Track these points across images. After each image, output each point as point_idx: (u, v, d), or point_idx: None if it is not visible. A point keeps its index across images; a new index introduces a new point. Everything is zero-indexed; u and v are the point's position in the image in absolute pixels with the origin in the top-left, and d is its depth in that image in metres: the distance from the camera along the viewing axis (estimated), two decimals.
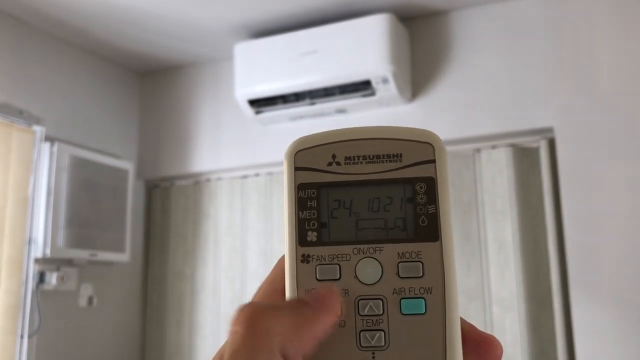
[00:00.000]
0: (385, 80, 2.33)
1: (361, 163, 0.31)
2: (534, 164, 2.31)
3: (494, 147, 2.37)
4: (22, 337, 2.35)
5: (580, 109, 2.21)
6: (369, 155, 0.31)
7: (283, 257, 0.31)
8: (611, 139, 2.15)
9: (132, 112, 3.04)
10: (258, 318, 0.26)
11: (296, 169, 0.32)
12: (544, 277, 2.23)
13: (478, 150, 2.40)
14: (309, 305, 0.28)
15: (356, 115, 2.57)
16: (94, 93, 2.83)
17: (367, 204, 0.31)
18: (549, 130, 2.28)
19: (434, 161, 0.30)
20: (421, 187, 0.30)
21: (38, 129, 2.49)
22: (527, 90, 2.31)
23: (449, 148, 2.43)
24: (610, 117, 2.17)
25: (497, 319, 2.25)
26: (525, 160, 2.33)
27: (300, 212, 0.31)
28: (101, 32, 2.64)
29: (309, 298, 0.29)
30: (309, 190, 0.31)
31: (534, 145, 2.33)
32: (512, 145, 2.34)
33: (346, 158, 0.31)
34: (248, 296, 2.70)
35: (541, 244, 2.25)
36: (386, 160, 0.31)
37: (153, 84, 3.09)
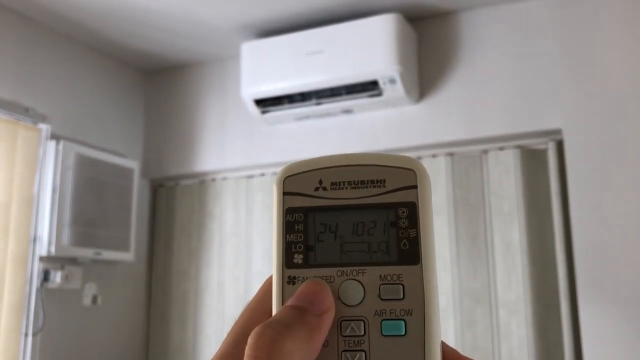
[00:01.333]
0: (392, 81, 2.31)
1: (346, 188, 0.32)
2: (542, 166, 2.30)
3: (501, 148, 2.36)
4: (26, 335, 2.35)
5: (589, 110, 2.19)
6: (354, 181, 0.32)
7: (270, 277, 0.33)
8: (620, 141, 2.13)
9: (138, 110, 3.04)
10: (277, 342, 0.27)
11: (285, 193, 0.33)
12: (551, 280, 2.21)
13: (485, 152, 2.38)
14: (309, 312, 0.29)
15: (362, 116, 2.55)
16: (100, 91, 2.82)
17: (351, 228, 0.32)
18: (557, 132, 2.26)
19: (415, 187, 0.32)
20: (403, 212, 0.31)
21: (44, 127, 2.49)
22: (535, 92, 2.29)
23: (456, 149, 2.42)
24: (619, 119, 2.15)
25: (503, 322, 2.23)
26: (533, 162, 2.31)
27: (287, 235, 0.32)
28: (107, 30, 2.64)
29: (305, 302, 0.30)
30: (297, 214, 0.32)
31: (542, 147, 2.31)
32: (520, 147, 2.33)
33: (332, 184, 0.32)
34: (252, 296, 2.69)
35: (548, 246, 2.23)
36: (370, 186, 0.32)
37: (159, 83, 3.08)
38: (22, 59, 2.46)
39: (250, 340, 0.28)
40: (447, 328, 2.30)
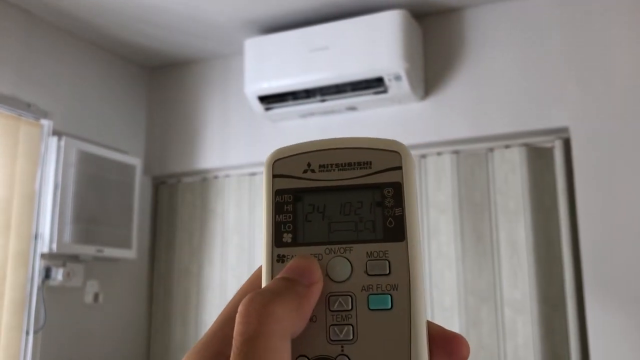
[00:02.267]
0: (398, 78, 2.30)
1: (334, 170, 0.33)
2: (548, 164, 2.28)
3: (507, 146, 2.34)
4: (27, 333, 2.33)
5: (596, 108, 2.18)
6: (342, 163, 0.33)
7: (261, 266, 0.34)
8: (627, 139, 2.12)
9: (140, 107, 3.02)
10: (267, 307, 0.28)
11: (274, 176, 0.34)
12: (557, 279, 2.19)
13: (491, 150, 2.36)
14: (299, 283, 0.30)
15: (367, 113, 2.53)
16: (102, 87, 2.80)
17: (339, 208, 0.33)
18: (564, 130, 2.24)
19: (400, 168, 0.33)
20: (389, 192, 0.33)
21: (45, 123, 2.47)
22: (541, 89, 2.27)
23: (461, 147, 2.40)
24: (626, 117, 2.13)
25: (508, 321, 2.22)
26: (539, 161, 2.30)
27: (277, 216, 0.33)
28: (110, 26, 2.62)
29: (296, 274, 0.30)
30: (286, 196, 0.33)
31: (549, 145, 2.30)
32: (526, 145, 2.31)
33: (320, 166, 0.33)
34: None
35: (555, 245, 2.22)
36: (357, 168, 0.33)
37: (161, 79, 3.06)
38: (25, 54, 2.43)
39: (240, 307, 0.28)
40: (452, 327, 2.29)
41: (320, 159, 0.34)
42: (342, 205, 0.33)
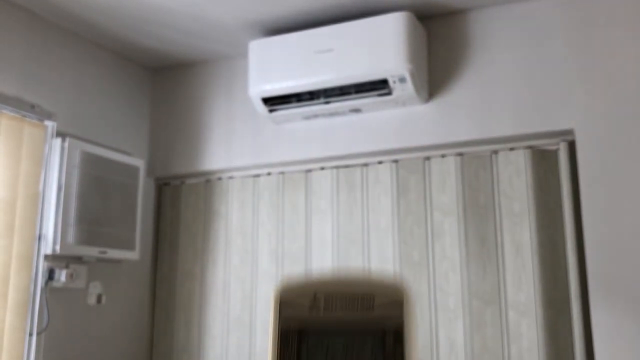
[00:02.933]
0: (402, 80, 2.29)
1: (338, 308, 0.33)
2: (553, 167, 2.27)
3: (511, 149, 2.34)
4: (30, 334, 2.33)
5: (601, 111, 2.17)
6: (346, 305, 0.33)
7: None
8: (633, 142, 2.11)
9: (144, 108, 3.02)
10: None
11: (281, 311, 0.34)
12: (562, 282, 2.19)
13: (495, 152, 2.36)
14: None
15: (371, 115, 2.53)
16: (106, 88, 2.80)
17: (342, 349, 0.32)
18: (569, 132, 2.24)
19: (402, 311, 0.33)
20: (389, 337, 0.32)
21: (49, 124, 2.47)
22: (546, 92, 2.27)
23: (466, 149, 2.40)
24: (631, 119, 2.12)
25: (513, 324, 2.21)
26: (543, 163, 2.29)
27: (282, 351, 0.33)
28: (114, 27, 2.62)
29: None
30: (291, 334, 0.34)
31: (553, 147, 2.29)
32: (531, 148, 2.30)
33: (325, 305, 0.34)
34: (258, 296, 2.67)
35: (559, 247, 2.21)
36: (360, 309, 0.33)
37: (166, 81, 3.06)
38: (29, 55, 2.43)
39: None
40: (456, 330, 2.28)
41: (326, 297, 0.35)
42: (344, 347, 0.34)
